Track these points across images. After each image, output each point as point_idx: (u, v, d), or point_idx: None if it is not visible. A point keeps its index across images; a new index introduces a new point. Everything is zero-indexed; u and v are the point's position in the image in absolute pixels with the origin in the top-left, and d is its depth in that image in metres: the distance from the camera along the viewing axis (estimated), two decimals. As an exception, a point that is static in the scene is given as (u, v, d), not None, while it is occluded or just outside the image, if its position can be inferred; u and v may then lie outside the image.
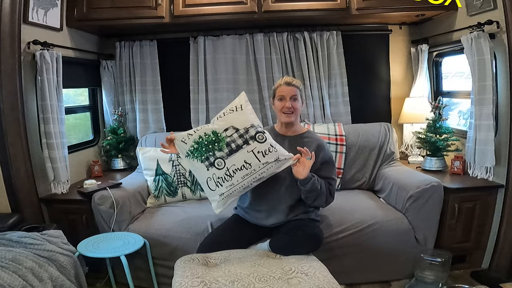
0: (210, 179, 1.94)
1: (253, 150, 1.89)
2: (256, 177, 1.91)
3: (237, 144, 1.90)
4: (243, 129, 1.92)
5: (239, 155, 1.89)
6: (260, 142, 1.90)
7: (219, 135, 1.91)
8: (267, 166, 1.89)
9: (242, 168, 1.89)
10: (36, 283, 1.77)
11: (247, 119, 1.96)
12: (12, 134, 2.33)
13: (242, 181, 1.91)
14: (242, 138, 1.91)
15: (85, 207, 2.50)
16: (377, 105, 3.43)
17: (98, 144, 3.41)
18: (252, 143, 1.90)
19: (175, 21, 2.91)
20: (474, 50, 2.46)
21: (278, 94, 2.09)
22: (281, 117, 2.10)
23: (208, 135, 1.92)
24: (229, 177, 1.91)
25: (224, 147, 1.90)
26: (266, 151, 1.89)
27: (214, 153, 1.91)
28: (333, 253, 2.33)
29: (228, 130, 1.92)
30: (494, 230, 2.52)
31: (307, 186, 1.93)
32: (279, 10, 2.87)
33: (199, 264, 1.85)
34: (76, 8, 2.85)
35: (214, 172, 1.92)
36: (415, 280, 2.38)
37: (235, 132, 1.92)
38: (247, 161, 1.89)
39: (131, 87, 3.37)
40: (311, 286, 1.66)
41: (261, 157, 1.88)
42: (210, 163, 1.92)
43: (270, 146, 1.90)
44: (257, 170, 1.90)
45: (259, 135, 1.92)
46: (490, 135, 2.45)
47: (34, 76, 2.56)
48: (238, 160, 1.89)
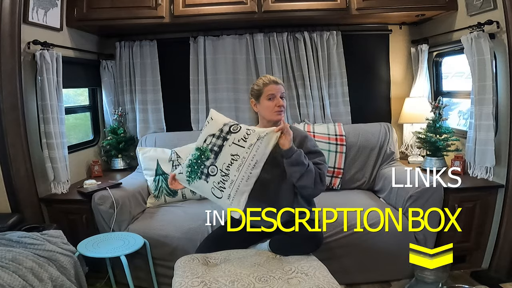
0: (214, 188, 1.96)
1: (233, 141, 1.92)
2: (250, 163, 1.91)
3: (218, 145, 1.94)
4: (218, 130, 1.97)
5: (224, 152, 1.93)
6: (236, 132, 1.94)
7: (201, 148, 1.98)
8: (254, 148, 1.90)
9: (232, 162, 1.91)
10: (36, 283, 1.77)
11: (219, 122, 2.01)
12: (12, 134, 2.33)
13: (239, 173, 1.91)
14: (220, 138, 1.95)
15: (85, 207, 2.50)
16: (377, 105, 3.42)
17: (98, 144, 3.41)
18: (229, 137, 1.94)
19: (175, 21, 2.91)
20: (474, 50, 2.46)
21: (268, 93, 2.05)
22: (273, 116, 2.06)
23: (194, 154, 1.99)
24: (226, 176, 1.92)
25: (209, 154, 1.95)
26: (245, 136, 1.92)
27: (204, 165, 1.95)
28: (333, 253, 2.33)
29: (206, 140, 1.98)
30: (494, 230, 2.52)
31: (292, 158, 1.91)
32: (279, 10, 2.87)
33: (199, 264, 1.85)
34: (76, 8, 2.85)
35: (213, 180, 1.94)
36: (415, 280, 2.38)
37: (213, 137, 1.97)
38: (233, 153, 1.92)
39: (131, 87, 3.37)
40: (311, 286, 1.66)
41: (243, 143, 1.91)
42: (205, 175, 1.95)
43: (246, 130, 1.94)
44: (246, 156, 1.91)
45: (233, 127, 1.96)
46: (490, 135, 2.45)
47: (34, 76, 2.55)
48: (226, 157, 1.92)
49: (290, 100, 3.25)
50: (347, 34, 3.28)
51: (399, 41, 3.37)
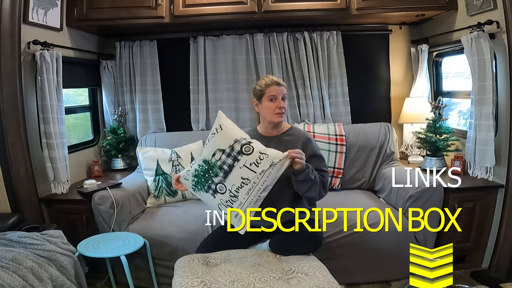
0: (221, 204, 1.93)
1: (245, 164, 1.86)
2: (260, 188, 1.88)
3: (228, 164, 1.88)
4: (228, 147, 1.90)
5: (234, 174, 1.87)
6: (248, 154, 1.87)
7: (209, 162, 1.91)
8: (266, 174, 1.86)
9: (242, 185, 1.87)
10: (36, 283, 1.77)
11: (229, 136, 1.93)
12: (12, 134, 2.33)
13: (248, 197, 1.88)
14: (231, 156, 1.89)
15: (85, 207, 2.50)
16: (377, 105, 3.42)
17: (98, 144, 3.41)
18: (241, 158, 1.87)
19: (175, 21, 2.91)
20: (474, 50, 2.46)
21: (269, 95, 2.04)
22: (273, 117, 2.06)
23: (201, 165, 1.93)
24: (235, 197, 1.88)
25: (218, 171, 1.90)
26: (257, 161, 1.86)
27: (212, 180, 1.91)
28: (333, 253, 2.33)
29: (215, 154, 1.91)
30: (494, 230, 2.52)
31: (301, 177, 1.91)
32: (279, 10, 2.87)
33: (199, 264, 1.85)
34: (76, 8, 2.85)
35: (220, 197, 1.91)
36: (415, 280, 2.38)
37: (222, 153, 1.90)
38: (244, 176, 1.86)
39: (131, 87, 3.37)
40: (311, 286, 1.66)
41: (255, 168, 1.85)
42: (213, 190, 1.91)
43: (259, 154, 1.87)
44: (257, 182, 1.86)
45: (245, 147, 1.89)
46: (490, 135, 2.45)
47: (34, 76, 2.55)
48: (236, 179, 1.87)
49: (290, 100, 3.24)
50: (347, 34, 3.29)
51: (399, 41, 3.37)
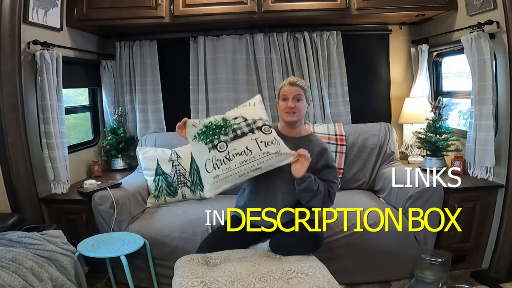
0: (209, 161, 1.98)
1: (257, 139, 1.95)
2: (254, 165, 1.94)
3: (243, 131, 1.98)
4: (252, 119, 2.02)
5: (242, 140, 1.96)
6: (265, 133, 1.97)
7: (227, 122, 2.01)
8: (267, 157, 1.93)
9: (242, 154, 1.94)
10: (36, 283, 1.77)
11: (258, 113, 2.06)
12: (12, 134, 2.33)
13: (239, 166, 1.94)
14: (249, 126, 1.99)
15: (85, 207, 2.51)
16: (377, 105, 3.43)
17: (98, 144, 3.41)
18: (257, 132, 1.97)
19: (175, 21, 2.91)
20: (474, 50, 2.46)
21: (282, 94, 2.13)
22: (284, 116, 2.12)
23: (218, 121, 2.03)
24: (227, 160, 1.94)
25: (230, 132, 1.98)
26: (268, 142, 1.95)
27: (219, 137, 1.98)
28: (333, 253, 2.33)
29: (237, 118, 2.02)
30: (494, 230, 2.52)
31: (302, 186, 1.94)
32: (279, 10, 2.87)
33: (199, 264, 1.85)
34: (76, 8, 2.86)
35: (214, 154, 1.97)
36: (415, 280, 2.38)
37: (244, 121, 2.01)
38: (249, 147, 1.94)
39: (131, 87, 3.37)
40: (311, 286, 1.66)
41: (263, 147, 1.94)
42: (213, 145, 1.98)
43: (273, 139, 1.97)
44: (256, 158, 1.93)
45: (265, 127, 2.00)
46: (490, 135, 2.45)
47: (34, 76, 2.56)
48: (240, 146, 1.95)
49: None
50: (347, 34, 3.29)
51: (399, 41, 3.37)
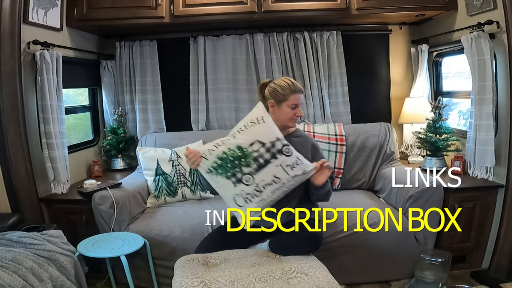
0: (238, 195, 1.87)
1: (281, 164, 1.85)
2: (285, 190, 1.89)
3: (265, 159, 1.84)
4: (269, 143, 1.86)
5: (268, 169, 1.84)
6: (287, 156, 1.86)
7: (245, 150, 1.85)
8: (296, 178, 1.87)
9: (272, 183, 1.85)
10: (36, 283, 1.77)
11: (272, 131, 1.91)
12: (12, 134, 2.33)
13: (271, 195, 1.87)
14: (269, 152, 1.85)
15: (85, 207, 2.51)
16: (377, 105, 3.43)
17: (98, 144, 3.41)
18: (279, 157, 1.85)
19: (175, 21, 2.91)
20: (474, 50, 2.46)
21: (293, 102, 2.03)
22: (288, 123, 2.08)
23: (233, 151, 1.86)
24: (258, 192, 1.85)
25: (251, 162, 1.84)
26: (293, 164, 1.86)
27: (241, 169, 1.84)
28: (333, 253, 2.33)
29: (253, 144, 1.86)
30: (494, 230, 2.52)
31: (322, 191, 1.97)
32: (279, 10, 2.87)
33: (199, 264, 1.85)
34: (76, 8, 2.86)
35: (242, 188, 1.85)
36: (415, 280, 2.38)
37: (262, 146, 1.85)
38: (277, 175, 1.84)
39: (131, 87, 3.37)
40: (311, 286, 1.66)
41: (290, 171, 1.85)
42: (237, 179, 1.85)
43: (296, 159, 1.88)
44: (286, 183, 1.87)
45: (285, 148, 1.87)
46: (490, 135, 2.45)
47: (34, 76, 2.56)
48: (268, 175, 1.85)
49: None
50: (347, 34, 3.29)
51: (399, 41, 3.37)
